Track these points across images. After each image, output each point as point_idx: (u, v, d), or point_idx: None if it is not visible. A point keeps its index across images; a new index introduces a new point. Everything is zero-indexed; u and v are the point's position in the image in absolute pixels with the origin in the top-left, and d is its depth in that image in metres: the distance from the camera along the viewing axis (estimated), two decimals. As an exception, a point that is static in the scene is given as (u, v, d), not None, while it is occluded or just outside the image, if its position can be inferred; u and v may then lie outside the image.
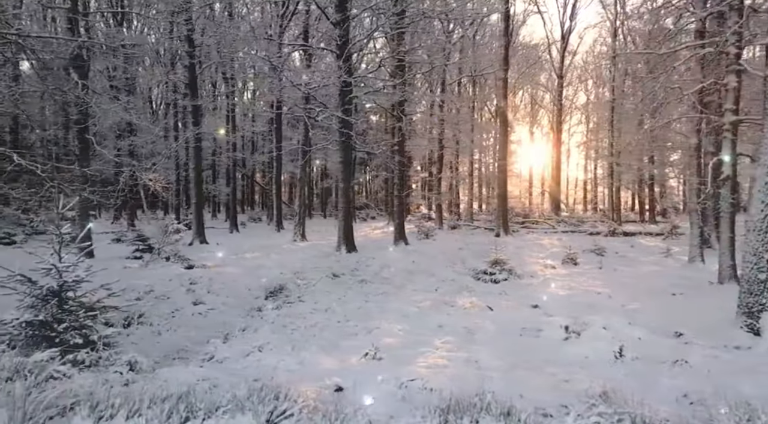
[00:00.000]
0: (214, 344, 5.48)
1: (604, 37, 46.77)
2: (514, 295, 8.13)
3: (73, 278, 4.72)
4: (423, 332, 5.82)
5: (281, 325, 6.68)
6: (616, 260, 13.15)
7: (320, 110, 12.81)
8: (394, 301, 8.11)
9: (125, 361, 4.46)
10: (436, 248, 16.64)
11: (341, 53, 13.09)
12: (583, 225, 28.16)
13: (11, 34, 6.54)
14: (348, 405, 3.22)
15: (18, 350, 4.30)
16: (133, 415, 3.36)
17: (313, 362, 4.68)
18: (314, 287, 9.49)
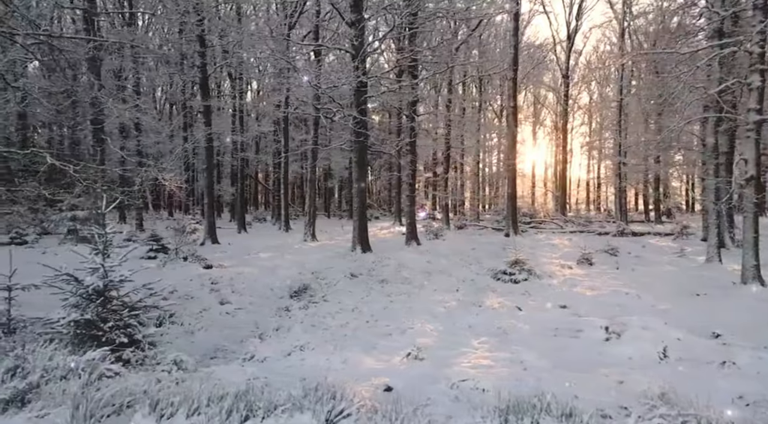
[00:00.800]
0: (253, 343, 5.50)
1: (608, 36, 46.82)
2: (538, 295, 8.14)
3: (119, 278, 4.74)
4: (456, 332, 5.84)
5: (310, 324, 6.70)
6: (632, 261, 13.14)
7: (337, 110, 12.80)
8: (417, 301, 8.12)
9: (171, 360, 4.48)
10: (449, 248, 16.64)
11: (357, 53, 13.10)
12: (591, 225, 28.14)
13: (43, 35, 6.58)
14: (406, 405, 3.23)
15: (70, 349, 4.32)
16: (192, 413, 3.37)
17: (356, 361, 4.70)
18: (335, 287, 9.52)
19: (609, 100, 43.67)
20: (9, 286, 5.56)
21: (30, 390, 3.76)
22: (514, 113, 23.15)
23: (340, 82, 12.38)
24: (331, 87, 13.00)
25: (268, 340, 5.75)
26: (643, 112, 30.95)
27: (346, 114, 13.02)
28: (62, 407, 3.66)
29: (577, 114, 49.99)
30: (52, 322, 4.66)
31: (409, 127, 16.55)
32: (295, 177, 45.84)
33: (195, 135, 17.71)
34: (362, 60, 13.25)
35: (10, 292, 5.61)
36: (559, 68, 39.84)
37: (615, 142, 29.61)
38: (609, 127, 42.56)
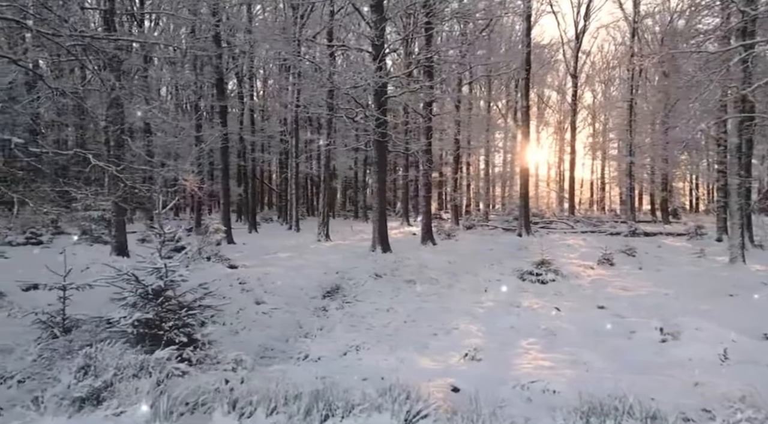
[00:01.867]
0: (303, 343, 5.53)
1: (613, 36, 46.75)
2: (571, 296, 8.17)
3: (179, 278, 4.78)
4: (500, 332, 5.87)
5: (350, 324, 6.73)
6: (652, 261, 13.14)
7: (359, 110, 12.85)
8: (449, 301, 8.15)
9: (231, 359, 4.51)
10: (465, 248, 16.67)
11: (378, 54, 13.15)
12: (602, 225, 28.13)
13: (82, 35, 6.61)
14: (483, 405, 3.25)
15: (138, 348, 4.35)
16: (271, 412, 3.40)
17: (413, 361, 4.73)
18: (363, 287, 9.54)
19: (614, 100, 43.72)
20: (64, 286, 5.61)
21: (105, 388, 3.80)
22: (526, 113, 23.17)
23: (363, 82, 12.41)
24: (353, 87, 13.04)
25: (315, 340, 5.77)
26: (651, 113, 30.97)
27: (367, 114, 13.05)
28: (138, 405, 3.70)
29: (581, 114, 49.95)
30: (113, 321, 4.70)
31: (425, 127, 16.56)
32: (300, 177, 45.89)
33: (210, 135, 17.71)
34: (381, 60, 13.30)
35: (65, 291, 5.65)
36: (567, 68, 39.85)
37: (625, 142, 29.57)
38: (615, 127, 42.60)
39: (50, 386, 3.90)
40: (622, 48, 42.76)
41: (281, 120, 33.06)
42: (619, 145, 43.35)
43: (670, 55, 32.22)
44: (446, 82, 19.45)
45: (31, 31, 6.53)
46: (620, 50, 43.56)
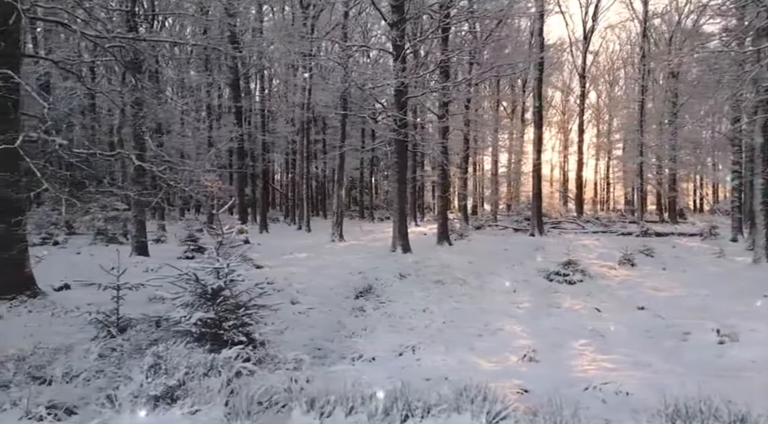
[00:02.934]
0: (351, 342, 5.56)
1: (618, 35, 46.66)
2: (604, 297, 8.18)
3: (239, 278, 4.82)
4: (547, 333, 5.89)
5: (389, 324, 6.75)
6: (673, 262, 13.15)
7: (381, 111, 12.87)
8: (483, 302, 8.17)
9: (291, 359, 4.54)
10: (481, 249, 16.69)
11: (398, 54, 13.18)
12: (612, 226, 28.14)
13: (126, 37, 6.66)
14: (564, 407, 3.27)
15: (201, 347, 4.38)
16: (350, 412, 3.43)
17: (470, 362, 4.75)
18: (392, 288, 9.56)
19: (618, 100, 43.69)
20: (118, 285, 5.65)
21: (178, 387, 3.84)
22: (539, 113, 23.20)
23: (384, 82, 12.45)
24: (373, 87, 13.09)
25: (361, 340, 5.80)
26: (659, 113, 30.95)
27: (389, 114, 13.08)
28: (211, 404, 3.74)
29: (585, 114, 49.88)
30: (173, 320, 4.74)
31: (442, 128, 16.59)
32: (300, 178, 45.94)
33: (226, 135, 17.78)
34: (404, 60, 13.33)
35: (119, 291, 5.69)
36: (575, 68, 39.85)
37: (635, 142, 29.54)
38: (620, 128, 42.60)
39: (122, 384, 3.93)
40: (627, 47, 42.79)
41: (288, 120, 33.11)
42: (624, 146, 43.37)
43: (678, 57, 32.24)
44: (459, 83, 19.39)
45: (76, 33, 6.58)
46: (625, 50, 43.60)
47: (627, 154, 42.31)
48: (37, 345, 4.98)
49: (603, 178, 52.76)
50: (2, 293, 6.49)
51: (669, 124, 30.41)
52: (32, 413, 3.63)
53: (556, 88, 46.35)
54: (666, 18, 32.85)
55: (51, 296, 7.14)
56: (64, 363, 4.46)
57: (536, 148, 23.07)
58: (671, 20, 32.52)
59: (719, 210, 43.40)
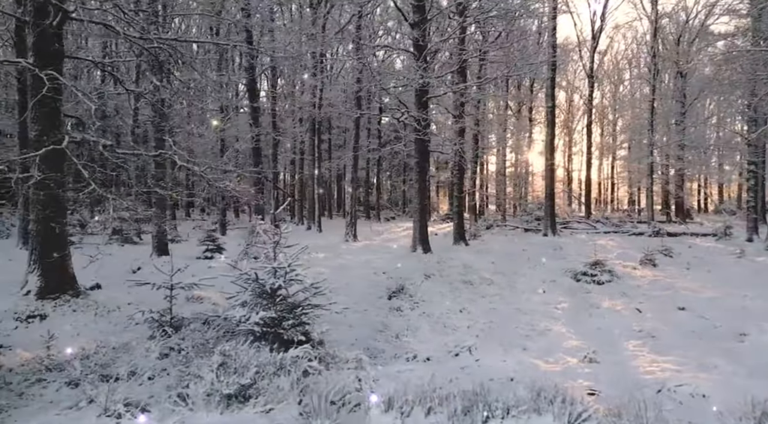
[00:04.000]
0: (399, 342, 5.58)
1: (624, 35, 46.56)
2: (639, 297, 8.18)
3: (297, 277, 4.85)
4: (593, 334, 5.90)
5: (431, 324, 6.76)
6: (695, 262, 13.12)
7: (404, 112, 12.90)
8: (517, 302, 8.18)
9: (352, 358, 4.57)
10: (498, 249, 16.70)
11: (420, 54, 13.19)
12: (623, 226, 28.11)
13: (171, 39, 6.69)
14: (648, 409, 3.28)
15: (264, 346, 4.41)
16: (429, 412, 3.45)
17: (529, 363, 4.77)
18: (421, 288, 9.57)
19: (623, 100, 43.61)
20: (171, 285, 5.68)
21: (250, 386, 3.86)
22: (552, 113, 23.17)
23: (407, 82, 12.48)
24: (395, 87, 13.12)
25: (409, 339, 5.82)
26: (666, 113, 30.92)
27: (411, 114, 13.10)
28: (284, 403, 3.77)
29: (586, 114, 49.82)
30: (233, 319, 4.77)
31: (459, 128, 16.60)
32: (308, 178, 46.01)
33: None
34: (425, 60, 13.35)
35: (172, 290, 5.72)
36: (584, 68, 39.80)
37: (647, 141, 29.49)
38: (626, 127, 42.54)
39: (192, 382, 3.96)
40: (633, 47, 42.74)
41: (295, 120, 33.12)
42: (630, 146, 43.41)
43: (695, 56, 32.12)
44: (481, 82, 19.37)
45: (119, 34, 6.62)
46: (631, 50, 43.54)
47: (632, 154, 42.35)
48: (99, 344, 5.01)
49: (606, 179, 52.70)
50: (48, 292, 6.53)
51: (677, 124, 30.40)
52: (110, 410, 3.67)
53: (559, 87, 46.29)
54: (674, 17, 32.85)
55: (92, 295, 7.17)
56: (128, 362, 4.50)
57: (549, 148, 23.06)
58: (679, 20, 32.53)
59: (725, 210, 43.27)
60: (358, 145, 19.88)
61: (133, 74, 13.46)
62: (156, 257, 13.25)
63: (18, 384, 4.22)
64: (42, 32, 6.27)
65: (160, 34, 7.64)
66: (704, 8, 32.67)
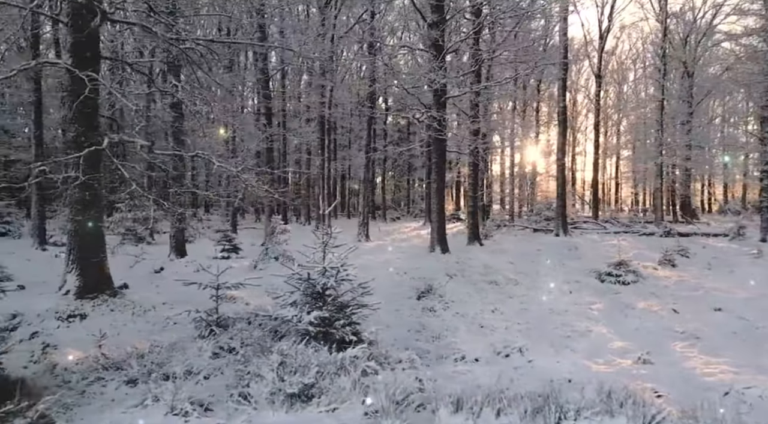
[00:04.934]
0: (443, 342, 5.59)
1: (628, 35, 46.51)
2: (670, 298, 8.17)
3: (348, 277, 4.86)
4: (636, 335, 5.90)
5: (466, 325, 6.76)
6: (715, 262, 13.08)
7: (423, 112, 12.91)
8: (546, 303, 8.19)
9: (405, 358, 4.58)
10: (513, 249, 16.70)
11: (438, 54, 13.20)
12: (633, 226, 28.09)
13: (205, 40, 6.71)
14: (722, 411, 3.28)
15: (321, 347, 4.42)
16: (498, 413, 3.45)
17: (581, 364, 4.77)
18: (446, 288, 9.58)
19: (628, 100, 43.53)
20: (218, 285, 5.70)
21: (312, 385, 3.88)
22: (563, 113, 23.17)
23: (426, 81, 12.51)
24: (414, 87, 13.15)
25: (452, 340, 5.81)
26: (673, 112, 30.89)
27: (428, 114, 13.11)
28: (348, 402, 3.78)
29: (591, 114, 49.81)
30: (283, 319, 4.78)
31: (474, 129, 16.58)
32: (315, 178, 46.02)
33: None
34: (443, 60, 13.35)
35: (218, 290, 5.74)
36: (591, 68, 39.76)
37: (656, 141, 29.44)
38: (630, 128, 42.49)
39: (252, 381, 3.97)
40: (638, 46, 42.70)
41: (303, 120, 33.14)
42: (634, 146, 43.36)
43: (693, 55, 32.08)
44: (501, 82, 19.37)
45: (158, 35, 6.64)
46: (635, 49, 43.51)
47: (637, 154, 42.31)
48: (153, 343, 5.03)
49: (609, 179, 52.66)
50: (86, 292, 6.55)
51: (683, 124, 30.41)
52: (176, 409, 3.68)
53: (567, 88, 46.23)
54: (682, 17, 32.83)
55: (127, 295, 7.19)
56: (183, 361, 4.51)
57: (561, 148, 23.05)
58: (686, 19, 32.53)
59: (729, 210, 43.21)
60: (371, 146, 19.87)
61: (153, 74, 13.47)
62: (175, 258, 13.27)
63: (77, 382, 4.24)
64: (80, 34, 6.29)
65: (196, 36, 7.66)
66: (712, 8, 32.68)
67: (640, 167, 42.50)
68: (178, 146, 13.83)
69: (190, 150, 13.88)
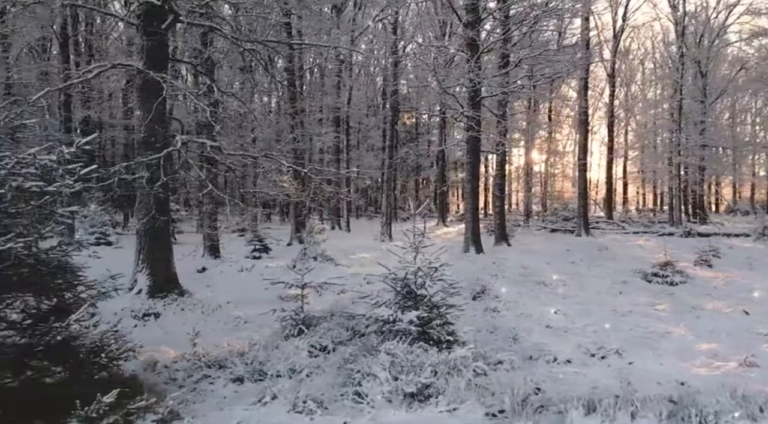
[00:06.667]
0: (525, 343, 5.57)
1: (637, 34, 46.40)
2: (730, 298, 8.09)
3: (446, 278, 4.86)
4: (717, 336, 5.84)
5: (535, 326, 6.66)
6: (753, 263, 13.03)
7: (462, 111, 12.93)
8: (604, 303, 8.13)
9: (505, 359, 4.57)
10: (542, 249, 16.64)
11: (473, 54, 13.21)
12: (653, 226, 28.06)
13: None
14: None
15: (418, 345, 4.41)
16: (633, 416, 3.42)
17: (681, 367, 4.72)
18: (498, 289, 9.55)
19: (637, 100, 43.41)
20: (304, 284, 5.71)
21: (429, 385, 3.88)
22: (585, 113, 23.18)
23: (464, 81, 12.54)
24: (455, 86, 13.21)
25: (535, 341, 5.72)
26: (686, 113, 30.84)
27: (463, 114, 13.13)
28: (468, 402, 3.77)
29: (598, 113, 49.59)
30: (382, 319, 4.78)
31: (502, 128, 16.58)
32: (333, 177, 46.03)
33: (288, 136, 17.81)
34: (479, 60, 13.36)
35: (303, 289, 5.75)
36: (604, 68, 39.68)
37: (675, 141, 29.35)
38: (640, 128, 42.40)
39: (364, 380, 3.96)
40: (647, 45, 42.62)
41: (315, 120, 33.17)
42: (644, 146, 43.30)
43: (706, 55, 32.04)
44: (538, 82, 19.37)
45: (226, 37, 6.67)
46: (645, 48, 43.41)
47: (647, 153, 42.16)
48: (251, 342, 5.05)
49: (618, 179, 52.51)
50: (157, 291, 6.58)
51: (696, 125, 30.38)
52: (298, 406, 3.68)
53: (569, 87, 46.14)
54: (696, 17, 32.78)
55: (194, 294, 7.22)
56: (283, 359, 4.52)
57: (582, 147, 23.07)
58: (699, 19, 32.49)
59: (739, 210, 43.06)
60: (394, 146, 19.88)
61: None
62: (209, 257, 13.29)
63: (183, 380, 4.26)
64: (152, 36, 6.31)
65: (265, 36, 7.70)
66: (725, 8, 32.59)
67: (648, 167, 42.37)
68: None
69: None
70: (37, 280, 3.26)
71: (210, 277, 10.27)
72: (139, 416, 3.36)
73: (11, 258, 3.04)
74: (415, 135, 43.05)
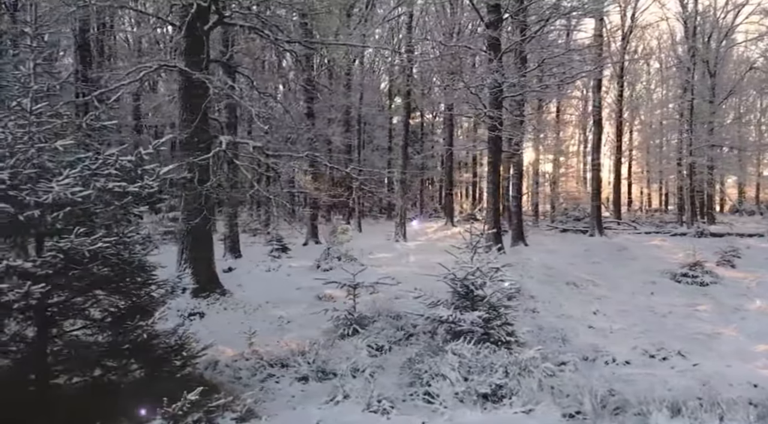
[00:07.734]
0: (581, 344, 5.54)
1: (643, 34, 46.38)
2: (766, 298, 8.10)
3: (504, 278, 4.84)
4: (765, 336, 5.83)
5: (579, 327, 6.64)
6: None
7: (486, 111, 12.91)
8: (640, 303, 8.14)
9: (568, 360, 4.55)
10: (561, 249, 16.62)
11: (496, 54, 13.18)
12: (665, 226, 28.01)
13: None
14: None
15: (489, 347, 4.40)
16: (721, 419, 3.40)
17: (746, 368, 4.69)
18: (532, 289, 9.49)
19: (641, 100, 43.36)
20: (356, 284, 5.70)
21: (501, 386, 3.86)
22: (599, 113, 23.16)
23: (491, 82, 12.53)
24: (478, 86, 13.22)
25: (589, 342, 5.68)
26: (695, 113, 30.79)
27: (486, 114, 13.11)
28: (543, 403, 3.75)
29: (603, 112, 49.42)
30: (443, 320, 4.76)
31: (523, 128, 16.55)
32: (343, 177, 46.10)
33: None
34: (500, 60, 13.34)
35: (355, 289, 5.74)
36: (613, 69, 39.61)
37: (685, 141, 29.31)
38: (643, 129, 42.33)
39: (433, 381, 3.94)
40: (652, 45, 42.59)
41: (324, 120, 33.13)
42: (649, 145, 43.32)
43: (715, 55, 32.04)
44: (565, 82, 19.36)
45: (268, 38, 6.67)
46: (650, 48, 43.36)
47: (653, 153, 42.13)
48: (311, 341, 5.04)
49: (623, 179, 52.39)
50: (200, 291, 6.58)
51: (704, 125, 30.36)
52: (372, 406, 3.67)
53: (574, 87, 46.08)
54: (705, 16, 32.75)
55: (235, 294, 7.21)
56: (345, 359, 4.50)
57: (596, 147, 23.05)
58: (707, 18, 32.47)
59: (745, 211, 42.95)
60: (408, 146, 19.87)
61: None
62: (230, 257, 13.27)
63: (248, 379, 4.25)
64: (194, 37, 6.30)
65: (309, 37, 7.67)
66: (735, 8, 32.50)
67: (654, 167, 42.29)
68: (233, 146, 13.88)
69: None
70: (121, 279, 3.26)
71: (238, 277, 10.25)
72: (218, 414, 3.35)
73: (98, 257, 3.04)
74: (420, 135, 43.08)
